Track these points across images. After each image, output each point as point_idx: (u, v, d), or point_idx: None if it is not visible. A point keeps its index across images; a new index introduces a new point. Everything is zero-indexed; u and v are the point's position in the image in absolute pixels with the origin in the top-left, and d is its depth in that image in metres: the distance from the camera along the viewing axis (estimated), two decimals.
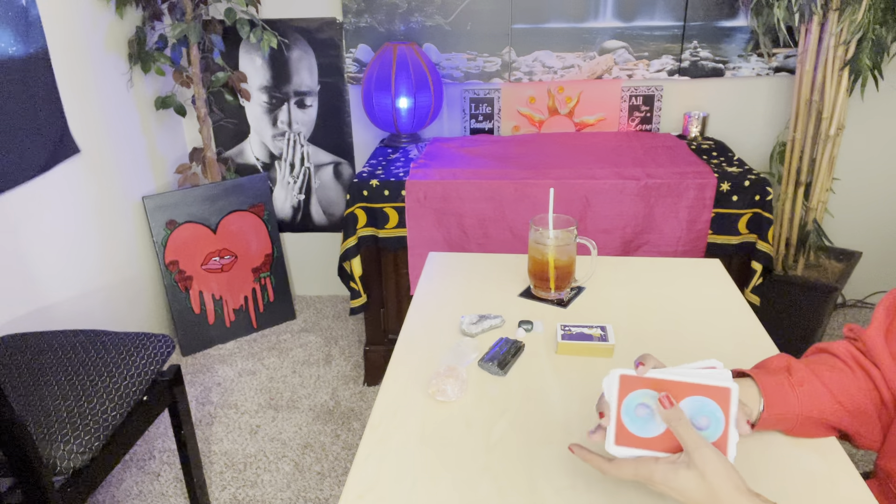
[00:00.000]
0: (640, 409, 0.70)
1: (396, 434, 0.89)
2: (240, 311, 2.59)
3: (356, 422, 2.12)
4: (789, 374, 0.83)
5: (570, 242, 1.19)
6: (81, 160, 2.04)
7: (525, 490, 0.79)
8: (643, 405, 0.70)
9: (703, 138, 2.39)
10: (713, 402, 0.69)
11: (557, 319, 1.16)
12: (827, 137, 2.17)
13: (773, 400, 0.81)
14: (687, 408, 0.69)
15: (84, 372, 1.42)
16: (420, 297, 1.26)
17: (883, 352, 0.83)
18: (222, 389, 2.29)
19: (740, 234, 2.00)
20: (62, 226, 1.96)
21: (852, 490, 0.77)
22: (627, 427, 0.70)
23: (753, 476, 0.79)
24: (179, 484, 1.88)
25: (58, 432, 1.26)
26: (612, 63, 2.40)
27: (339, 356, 2.48)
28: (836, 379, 0.84)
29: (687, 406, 0.69)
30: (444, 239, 2.06)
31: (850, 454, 1.87)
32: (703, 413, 0.69)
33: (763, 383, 0.82)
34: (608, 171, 2.00)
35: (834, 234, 2.54)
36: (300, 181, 2.73)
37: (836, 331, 2.52)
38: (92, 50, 2.09)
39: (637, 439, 0.70)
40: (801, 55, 2.16)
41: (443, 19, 2.38)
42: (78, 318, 2.02)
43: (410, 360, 1.06)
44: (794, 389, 0.82)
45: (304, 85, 2.56)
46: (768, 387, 0.82)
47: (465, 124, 2.54)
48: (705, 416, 0.69)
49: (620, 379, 0.71)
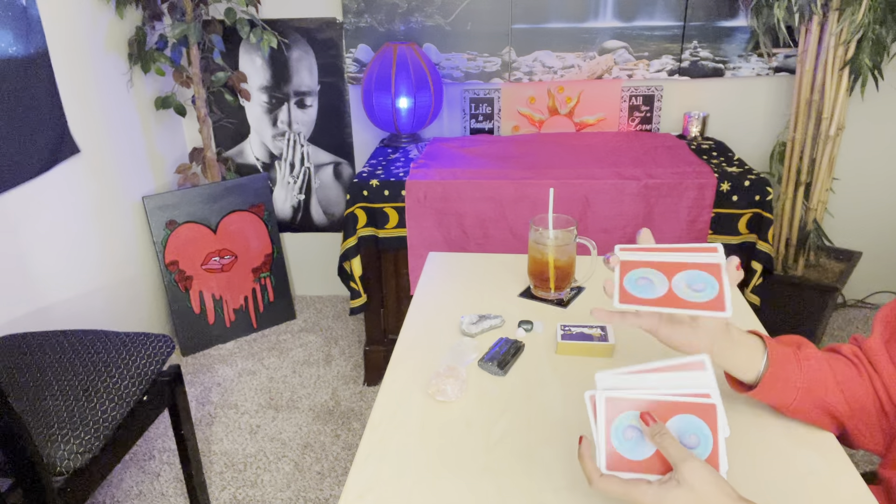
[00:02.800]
0: (629, 432, 0.70)
1: (396, 434, 0.89)
2: (240, 311, 2.59)
3: (356, 422, 2.12)
4: (798, 349, 0.85)
5: (570, 242, 1.19)
6: (81, 160, 2.04)
7: (525, 490, 0.79)
8: (632, 427, 0.70)
9: (703, 138, 2.39)
10: (699, 420, 0.68)
11: (557, 319, 1.16)
12: (827, 137, 2.17)
13: (778, 366, 0.82)
14: (674, 428, 0.68)
15: (84, 372, 1.42)
16: (420, 297, 1.26)
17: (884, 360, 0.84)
18: (222, 389, 2.29)
19: (740, 234, 2.00)
20: (62, 226, 1.96)
21: (852, 490, 0.77)
22: (618, 451, 0.69)
23: (753, 476, 0.79)
24: (179, 484, 1.88)
25: (58, 432, 1.26)
26: (612, 63, 2.40)
27: (339, 356, 2.48)
28: (842, 369, 0.85)
29: (673, 426, 0.69)
30: (444, 239, 2.06)
31: (850, 454, 1.87)
32: (690, 431, 0.68)
33: (771, 346, 0.82)
34: (608, 171, 2.00)
35: (834, 234, 2.54)
36: (300, 181, 2.73)
37: (836, 331, 2.52)
38: (92, 50, 2.09)
39: (628, 462, 0.69)
40: (801, 55, 2.16)
41: (443, 19, 2.38)
42: (78, 318, 2.02)
43: (410, 360, 1.06)
44: (800, 363, 0.83)
45: (304, 85, 2.56)
46: (775, 352, 0.82)
47: (465, 124, 2.54)
48: (693, 434, 0.68)
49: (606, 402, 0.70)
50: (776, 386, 0.82)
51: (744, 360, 0.82)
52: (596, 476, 0.68)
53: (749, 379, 0.83)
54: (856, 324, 2.58)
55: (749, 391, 0.84)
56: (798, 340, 0.88)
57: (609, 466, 0.69)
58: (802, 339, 0.89)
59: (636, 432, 0.69)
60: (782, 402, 0.84)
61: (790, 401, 0.83)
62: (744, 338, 0.82)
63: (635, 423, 0.70)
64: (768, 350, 0.82)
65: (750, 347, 0.82)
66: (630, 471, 0.69)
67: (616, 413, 0.70)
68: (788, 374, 0.82)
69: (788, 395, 0.83)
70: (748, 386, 0.84)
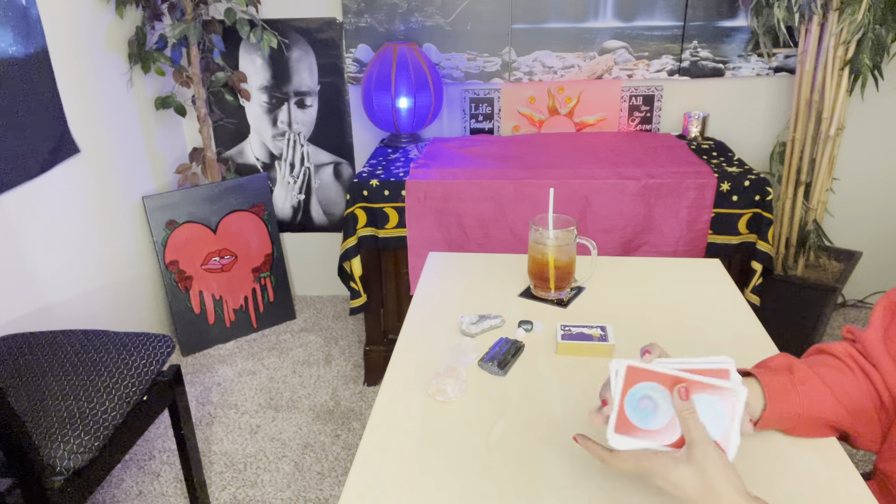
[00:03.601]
0: (644, 402, 0.71)
1: (396, 434, 0.89)
2: (240, 311, 2.59)
3: (356, 422, 2.11)
4: (791, 374, 0.84)
5: (570, 242, 1.19)
6: (81, 160, 2.04)
7: (525, 490, 0.79)
8: (647, 397, 0.71)
9: (703, 138, 2.39)
10: (721, 403, 0.69)
11: (557, 319, 1.16)
12: (827, 137, 2.17)
13: (776, 398, 0.81)
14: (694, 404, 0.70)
15: (84, 372, 1.42)
16: (420, 297, 1.26)
17: (882, 353, 0.83)
18: (222, 389, 2.29)
19: (740, 234, 2.00)
20: (62, 226, 1.96)
21: (852, 490, 0.77)
22: (629, 417, 0.71)
23: (753, 476, 0.79)
24: (179, 484, 1.88)
25: (58, 432, 1.26)
26: (612, 63, 2.40)
27: (339, 356, 2.48)
28: (837, 378, 0.84)
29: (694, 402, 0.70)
30: (444, 239, 2.06)
31: (850, 454, 1.87)
32: (708, 412, 0.69)
33: (766, 382, 0.82)
34: (608, 171, 2.00)
35: (834, 234, 2.54)
36: (300, 181, 2.73)
37: (836, 331, 2.52)
38: (92, 50, 2.09)
39: (637, 429, 0.70)
40: (801, 55, 2.16)
41: (443, 19, 2.38)
42: (78, 318, 2.02)
43: (410, 360, 1.06)
44: (796, 388, 0.82)
45: (304, 85, 2.56)
46: (771, 385, 0.82)
47: (465, 124, 2.54)
48: (710, 416, 0.69)
49: (627, 370, 0.72)
50: (775, 418, 0.82)
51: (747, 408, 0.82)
52: (607, 454, 0.70)
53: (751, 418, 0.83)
54: (856, 324, 2.57)
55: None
56: (787, 363, 0.87)
57: (617, 429, 0.71)
58: (791, 358, 0.87)
59: (650, 402, 0.71)
60: (784, 429, 0.84)
61: (791, 428, 0.83)
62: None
63: (651, 395, 0.71)
64: (763, 386, 0.82)
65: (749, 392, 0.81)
66: (637, 436, 0.70)
67: (634, 381, 0.71)
68: (787, 404, 0.82)
69: (789, 423, 0.83)
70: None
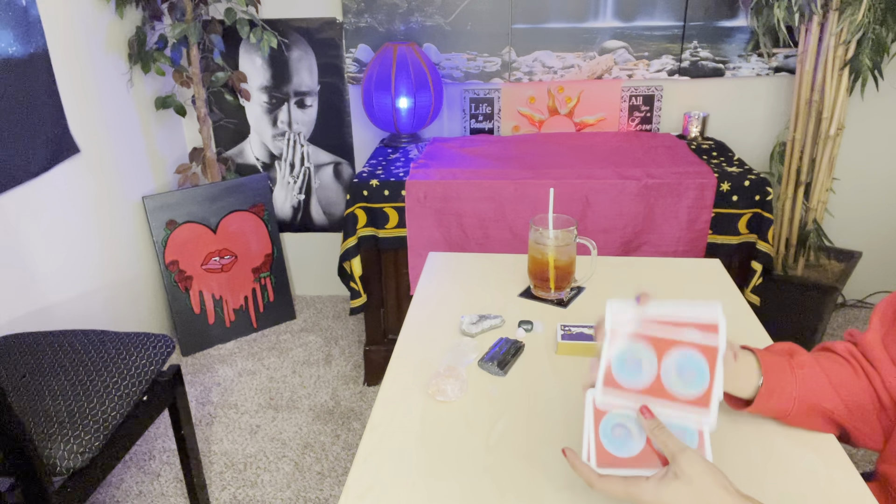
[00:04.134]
0: (617, 430, 0.71)
1: (396, 434, 0.89)
2: (240, 311, 2.59)
3: (356, 422, 2.11)
4: (791, 357, 0.84)
5: (570, 242, 1.19)
6: (81, 160, 2.04)
7: (525, 490, 0.79)
8: (619, 425, 0.71)
9: (703, 138, 2.39)
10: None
11: (557, 319, 1.16)
12: (827, 137, 2.17)
13: (772, 377, 0.81)
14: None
15: (84, 372, 1.42)
16: (420, 297, 1.26)
17: (881, 356, 0.83)
18: (222, 389, 2.29)
19: (740, 234, 2.00)
20: (62, 226, 1.96)
21: (852, 490, 0.77)
22: (607, 449, 0.71)
23: (754, 476, 0.79)
24: (179, 484, 1.88)
25: (57, 432, 1.26)
26: (612, 63, 2.40)
27: (339, 356, 2.48)
28: (837, 371, 0.84)
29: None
30: (444, 239, 2.06)
31: (850, 454, 1.87)
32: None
33: (764, 359, 0.82)
34: (608, 171, 2.00)
35: (834, 234, 2.54)
36: (300, 181, 2.73)
37: (836, 331, 2.52)
38: (92, 50, 2.09)
39: (618, 460, 0.71)
40: (801, 55, 2.16)
41: (443, 19, 2.38)
42: (78, 318, 2.02)
43: (410, 360, 1.06)
44: (794, 372, 0.82)
45: (304, 85, 2.56)
46: (769, 364, 0.82)
47: (465, 124, 2.54)
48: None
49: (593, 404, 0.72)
50: (772, 398, 0.82)
51: (741, 379, 0.82)
52: (595, 478, 0.69)
53: (746, 395, 0.83)
54: (856, 324, 2.57)
55: (746, 406, 0.84)
56: (790, 348, 0.87)
57: (599, 464, 0.70)
58: (794, 346, 0.88)
59: (623, 430, 0.71)
60: (780, 413, 0.84)
61: (787, 410, 0.83)
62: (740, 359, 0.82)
63: (622, 422, 0.71)
64: (761, 363, 0.82)
65: (745, 364, 0.82)
66: (621, 467, 0.70)
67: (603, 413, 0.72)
68: (784, 384, 0.82)
69: (785, 405, 0.83)
70: (745, 401, 0.84)
